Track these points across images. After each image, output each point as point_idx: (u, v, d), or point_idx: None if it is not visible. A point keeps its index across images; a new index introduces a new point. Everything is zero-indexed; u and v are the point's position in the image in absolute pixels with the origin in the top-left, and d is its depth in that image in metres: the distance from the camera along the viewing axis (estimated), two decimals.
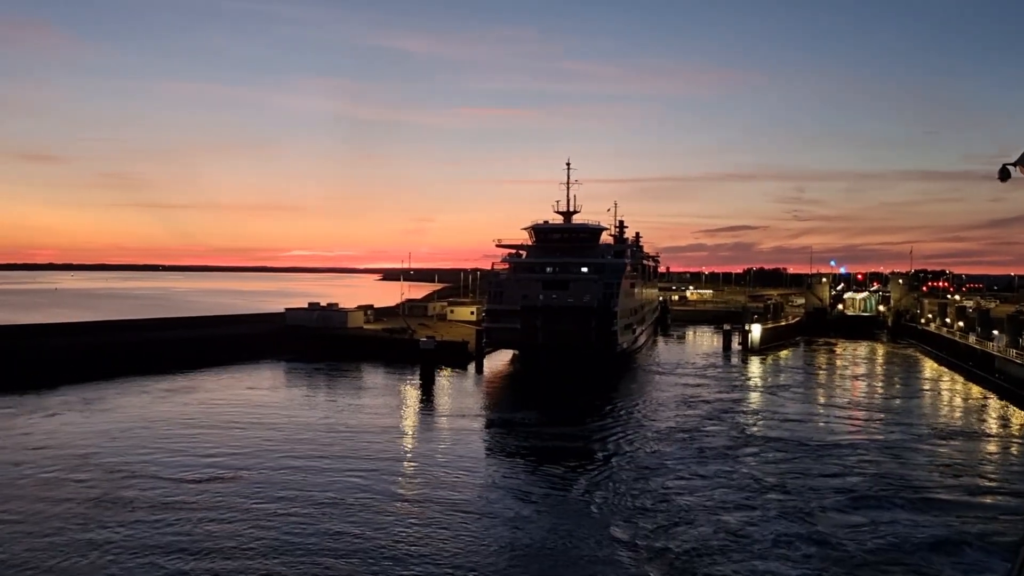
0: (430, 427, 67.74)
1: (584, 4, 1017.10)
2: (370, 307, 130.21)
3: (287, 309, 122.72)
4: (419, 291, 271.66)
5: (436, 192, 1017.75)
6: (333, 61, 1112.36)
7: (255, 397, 78.09)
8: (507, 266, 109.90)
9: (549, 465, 52.97)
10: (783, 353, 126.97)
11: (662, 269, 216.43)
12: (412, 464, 53.53)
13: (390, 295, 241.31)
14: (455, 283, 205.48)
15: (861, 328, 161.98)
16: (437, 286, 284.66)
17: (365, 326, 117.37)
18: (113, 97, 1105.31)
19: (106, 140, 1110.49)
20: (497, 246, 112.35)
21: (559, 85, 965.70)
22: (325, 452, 55.08)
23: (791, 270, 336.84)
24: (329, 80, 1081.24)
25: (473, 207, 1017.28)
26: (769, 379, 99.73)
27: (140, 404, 71.93)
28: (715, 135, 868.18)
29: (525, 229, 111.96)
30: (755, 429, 66.63)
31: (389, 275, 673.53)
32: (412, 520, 40.37)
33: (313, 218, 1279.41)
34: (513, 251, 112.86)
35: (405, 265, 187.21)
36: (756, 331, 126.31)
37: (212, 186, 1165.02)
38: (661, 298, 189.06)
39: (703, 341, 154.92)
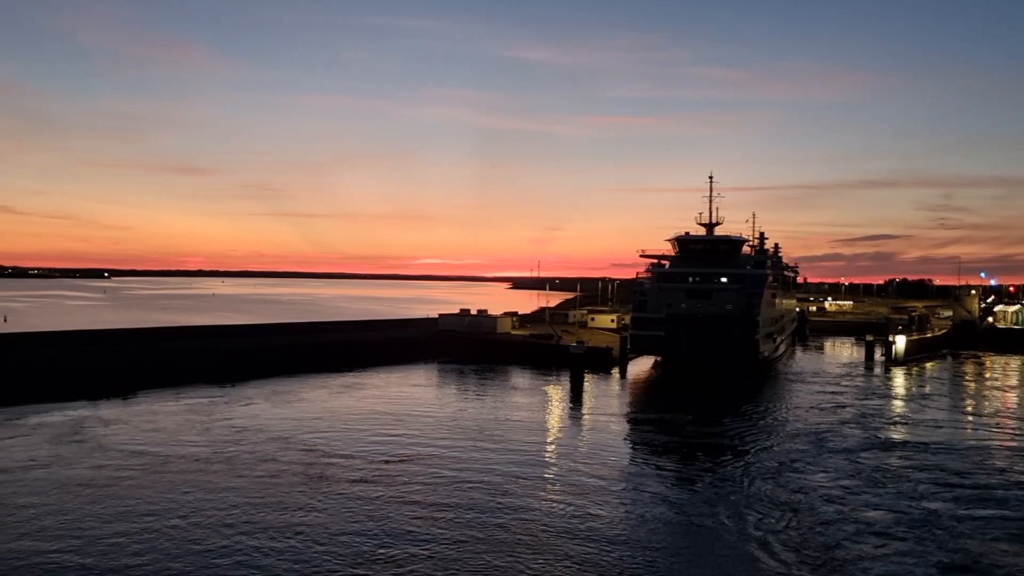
0: (580, 424, 72.22)
1: (715, 8, 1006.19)
2: (515, 314, 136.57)
3: (439, 315, 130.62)
4: (549, 300, 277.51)
5: (563, 201, 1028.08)
6: (463, 72, 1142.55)
7: (416, 394, 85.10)
8: (650, 276, 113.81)
9: (691, 461, 56.86)
10: (928, 365, 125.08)
11: (799, 280, 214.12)
12: (564, 455, 57.79)
13: (522, 303, 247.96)
14: (586, 292, 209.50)
15: (1012, 341, 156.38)
16: (568, 294, 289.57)
17: (512, 331, 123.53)
18: (256, 112, 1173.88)
19: (249, 153, 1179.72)
20: (640, 256, 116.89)
21: (688, 92, 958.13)
22: (484, 442, 60.59)
23: (937, 281, 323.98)
24: (459, 91, 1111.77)
25: (600, 216, 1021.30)
26: (913, 388, 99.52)
27: (321, 397, 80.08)
28: (851, 140, 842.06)
29: (668, 240, 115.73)
30: (898, 434, 68.14)
31: (519, 283, 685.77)
32: (559, 505, 44.93)
33: (442, 227, 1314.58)
34: (655, 261, 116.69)
35: (534, 274, 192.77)
36: (900, 342, 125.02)
37: (346, 196, 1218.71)
38: (799, 309, 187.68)
39: (843, 352, 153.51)
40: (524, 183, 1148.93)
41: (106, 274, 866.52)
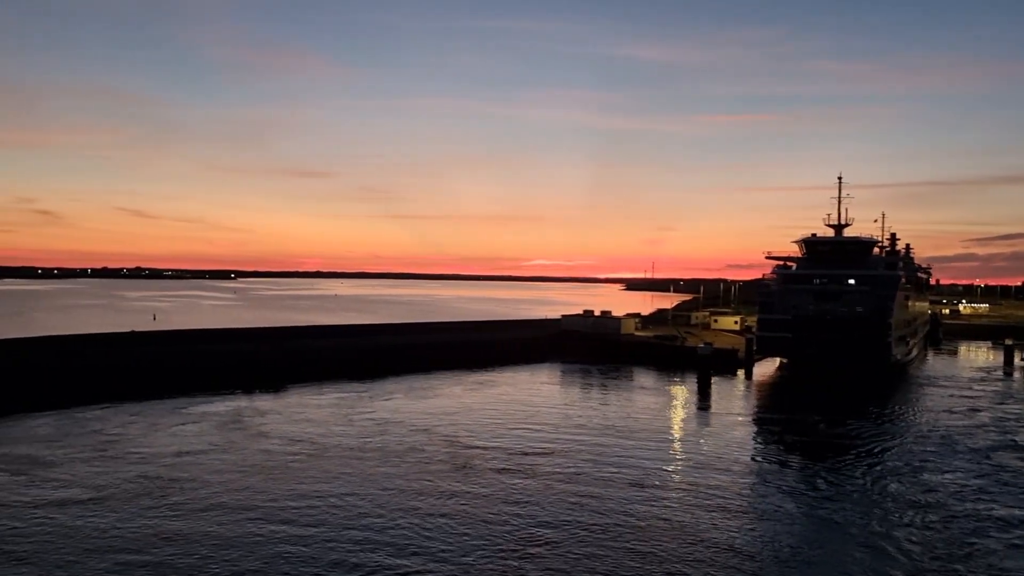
0: (708, 423, 72.86)
1: (833, 0, 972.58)
2: (638, 315, 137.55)
3: (562, 316, 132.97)
4: (663, 301, 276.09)
5: (676, 201, 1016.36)
6: (574, 73, 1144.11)
7: (545, 391, 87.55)
8: (776, 277, 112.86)
9: (819, 459, 57.10)
10: None
11: (931, 281, 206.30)
12: (694, 452, 58.79)
13: (637, 304, 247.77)
14: (704, 293, 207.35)
15: None
16: (684, 296, 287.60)
17: (636, 333, 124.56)
18: (371, 116, 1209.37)
19: (365, 156, 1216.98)
20: (766, 258, 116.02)
21: (806, 87, 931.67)
22: (617, 438, 62.36)
23: None
24: (571, 92, 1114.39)
25: (714, 216, 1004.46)
26: None
27: (456, 393, 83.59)
28: (984, 135, 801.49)
29: (795, 242, 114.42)
30: None
31: (633, 285, 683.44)
32: (692, 498, 46.28)
33: (554, 228, 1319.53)
34: (781, 263, 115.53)
35: (648, 275, 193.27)
36: None
37: (459, 197, 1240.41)
38: (931, 311, 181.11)
39: (978, 356, 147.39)
40: (637, 183, 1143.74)
41: (232, 275, 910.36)
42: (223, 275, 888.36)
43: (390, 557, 35.14)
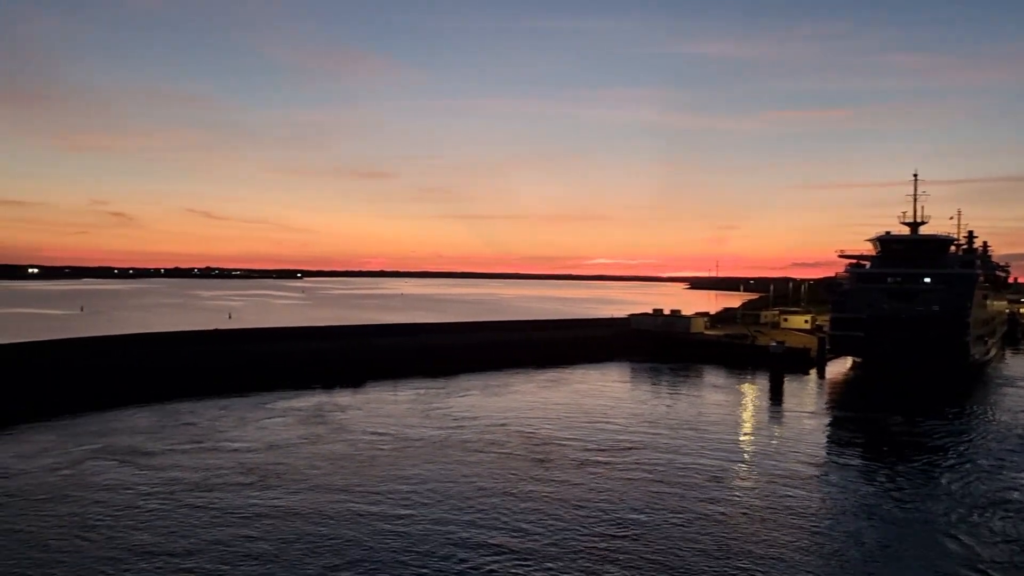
0: (781, 421, 72.72)
1: None
2: (707, 314, 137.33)
3: (631, 315, 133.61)
4: (728, 300, 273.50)
5: (740, 199, 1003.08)
6: (639, 71, 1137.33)
7: (616, 389, 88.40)
8: (849, 276, 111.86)
9: (896, 458, 56.83)
10: None
11: (1009, 279, 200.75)
12: (769, 449, 59.04)
13: (702, 303, 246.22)
14: (767, 292, 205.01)
15: None
16: (751, 295, 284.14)
17: (705, 332, 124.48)
18: (434, 117, 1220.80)
19: (428, 157, 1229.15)
20: (838, 256, 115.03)
21: (876, 81, 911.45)
22: (691, 435, 62.97)
23: None
24: (634, 90, 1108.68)
25: (779, 214, 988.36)
26: None
27: (530, 390, 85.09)
28: None
29: (868, 240, 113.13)
30: None
31: (696, 284, 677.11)
32: (769, 495, 46.82)
33: (616, 227, 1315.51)
34: (854, 261, 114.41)
35: (711, 274, 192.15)
36: None
37: (521, 197, 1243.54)
38: (1009, 311, 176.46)
39: None
40: (700, 181, 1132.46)
41: (299, 275, 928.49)
42: (289, 275, 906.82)
43: (487, 543, 36.66)
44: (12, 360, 74.77)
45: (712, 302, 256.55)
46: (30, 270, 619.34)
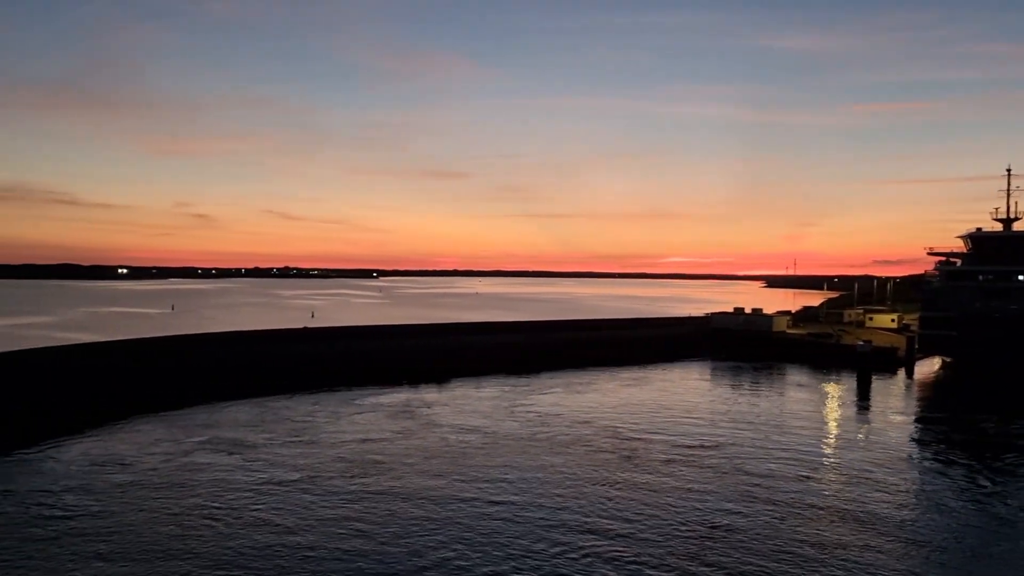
0: (870, 420, 71.65)
1: None
2: (788, 312, 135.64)
3: (711, 313, 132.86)
4: (806, 298, 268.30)
5: (819, 196, 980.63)
6: (714, 66, 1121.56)
7: (699, 387, 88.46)
8: (939, 274, 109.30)
9: (992, 460, 55.69)
10: None
11: None
12: (860, 448, 58.36)
13: (779, 302, 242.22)
14: (851, 290, 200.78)
15: None
16: (833, 293, 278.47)
17: (787, 330, 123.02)
18: (507, 116, 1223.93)
19: (500, 156, 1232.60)
20: (928, 254, 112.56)
21: (963, 72, 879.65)
22: (778, 434, 62.82)
23: None
24: (709, 86, 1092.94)
25: (860, 210, 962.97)
26: None
27: (612, 388, 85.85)
28: None
29: (960, 237, 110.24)
30: None
31: (773, 282, 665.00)
32: (857, 492, 46.51)
33: (690, 225, 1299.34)
34: (944, 259, 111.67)
35: (789, 272, 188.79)
36: None
37: (594, 195, 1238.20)
38: None
39: None
40: (777, 178, 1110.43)
41: (375, 274, 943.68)
42: (365, 274, 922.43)
43: (583, 531, 37.65)
44: (126, 356, 78.74)
45: (790, 301, 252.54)
46: (120, 270, 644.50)
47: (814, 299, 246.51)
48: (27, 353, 73.43)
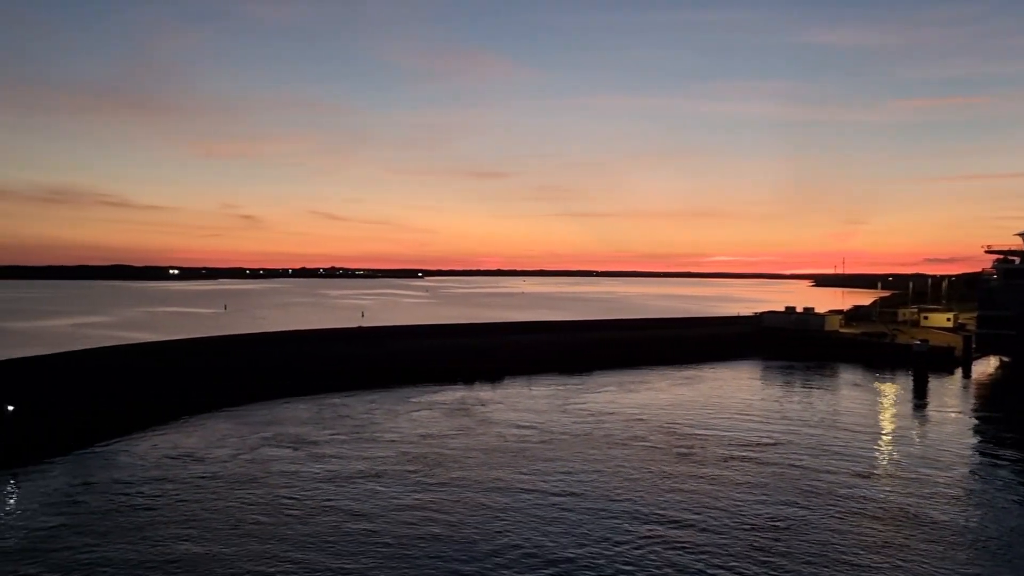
0: (927, 420, 70.75)
1: None
2: (840, 311, 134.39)
3: (762, 312, 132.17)
4: (856, 297, 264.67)
5: (867, 193, 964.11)
6: (757, 63, 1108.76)
7: (751, 386, 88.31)
8: (996, 272, 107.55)
9: None
10: None
11: None
12: (918, 447, 58.04)
13: (828, 301, 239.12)
14: (906, 289, 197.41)
15: None
16: (885, 292, 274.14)
17: (840, 329, 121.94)
18: (549, 115, 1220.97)
19: (543, 156, 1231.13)
20: (986, 252, 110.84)
21: (1015, 66, 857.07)
22: (835, 433, 62.62)
23: None
24: (753, 83, 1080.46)
25: (909, 208, 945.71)
26: None
27: (664, 387, 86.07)
28: None
29: (1018, 235, 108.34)
30: None
31: (821, 281, 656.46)
32: (916, 491, 46.46)
33: (736, 224, 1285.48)
34: (1002, 257, 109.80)
35: (837, 271, 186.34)
36: None
37: (637, 194, 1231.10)
38: None
39: None
40: (824, 176, 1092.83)
41: (419, 274, 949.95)
42: (410, 274, 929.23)
43: (644, 524, 38.35)
44: (185, 355, 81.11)
45: (840, 300, 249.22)
46: (171, 271, 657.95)
47: (864, 298, 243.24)
48: (92, 352, 76.12)
